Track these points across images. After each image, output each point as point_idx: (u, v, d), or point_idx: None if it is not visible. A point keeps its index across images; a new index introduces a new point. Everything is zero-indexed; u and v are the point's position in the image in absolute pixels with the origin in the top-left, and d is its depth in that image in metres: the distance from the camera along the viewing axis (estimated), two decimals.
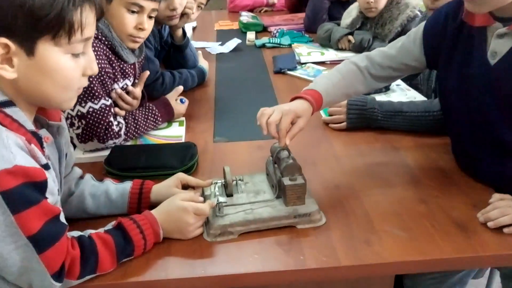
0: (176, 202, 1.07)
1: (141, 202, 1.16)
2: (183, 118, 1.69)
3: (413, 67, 1.31)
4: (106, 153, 1.41)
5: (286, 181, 1.12)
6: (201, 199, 1.12)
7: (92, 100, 1.39)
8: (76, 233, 0.97)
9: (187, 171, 1.35)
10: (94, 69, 0.93)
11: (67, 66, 0.88)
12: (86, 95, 1.38)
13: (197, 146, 1.47)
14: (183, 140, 1.55)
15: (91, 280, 0.95)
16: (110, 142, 1.45)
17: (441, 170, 1.32)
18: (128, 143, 1.51)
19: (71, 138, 1.42)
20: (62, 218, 0.91)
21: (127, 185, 1.18)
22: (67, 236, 0.91)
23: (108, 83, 1.45)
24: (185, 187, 1.21)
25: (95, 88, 1.39)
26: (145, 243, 1.02)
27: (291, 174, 1.14)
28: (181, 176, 1.20)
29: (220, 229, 1.09)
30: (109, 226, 1.02)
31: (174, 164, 1.34)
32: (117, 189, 1.17)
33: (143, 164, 1.34)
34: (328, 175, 1.33)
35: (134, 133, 1.51)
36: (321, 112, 1.74)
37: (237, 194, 1.20)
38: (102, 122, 1.41)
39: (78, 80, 0.92)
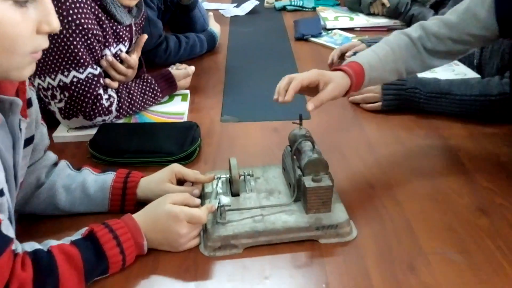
0: (165, 206, 0.83)
1: (125, 199, 0.93)
2: (187, 91, 1.44)
3: (481, 38, 1.01)
4: (95, 131, 1.19)
5: (308, 181, 0.88)
6: (198, 201, 0.88)
7: (77, 68, 1.15)
8: (31, 246, 0.74)
9: (187, 159, 1.11)
10: (53, 25, 0.68)
11: (7, 19, 0.63)
12: (70, 62, 1.13)
13: (201, 127, 1.23)
14: (185, 119, 1.31)
15: None
16: (99, 119, 1.21)
17: (503, 168, 1.06)
18: (121, 121, 1.27)
19: (53, 112, 1.20)
20: (5, 228, 0.68)
21: (109, 177, 0.95)
22: (12, 252, 0.69)
23: (96, 48, 1.19)
24: (181, 181, 0.97)
25: (80, 54, 1.14)
26: (124, 258, 0.79)
27: (315, 173, 0.89)
28: (176, 168, 0.96)
29: (220, 240, 0.86)
30: (78, 235, 0.79)
31: (172, 149, 1.11)
32: (96, 182, 0.94)
33: (134, 148, 1.11)
34: (359, 169, 1.08)
35: (128, 109, 1.27)
36: None
37: (245, 193, 0.96)
38: (88, 95, 1.17)
39: (30, 39, 0.67)
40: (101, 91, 1.20)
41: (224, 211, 0.88)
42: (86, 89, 1.17)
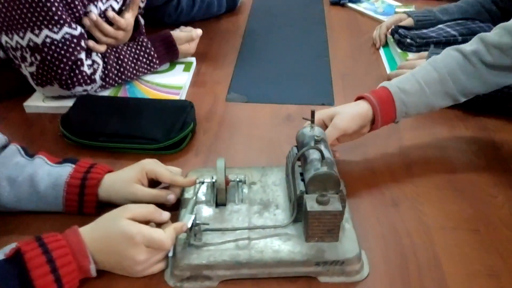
0: (120, 223, 0.64)
1: (84, 200, 0.75)
2: (193, 60, 1.23)
3: None
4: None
5: (311, 202, 0.66)
6: (166, 216, 0.69)
7: (50, 26, 0.95)
8: None
9: (174, 148, 0.92)
10: None
11: None
12: (41, 18, 0.93)
13: (201, 106, 1.03)
14: (183, 95, 1.10)
15: None
16: (79, 88, 1.02)
17: None
18: (107, 92, 1.08)
19: (25, 76, 1.02)
20: None
21: (64, 170, 0.76)
22: None
23: (77, 2, 0.98)
24: (154, 183, 0.78)
25: (54, 9, 0.94)
26: (61, 282, 0.61)
27: (322, 190, 0.68)
28: (148, 165, 0.77)
29: (190, 270, 0.67)
30: (1, 254, 0.62)
31: (157, 135, 0.91)
32: (49, 176, 0.75)
33: (111, 130, 0.92)
34: (384, 180, 0.86)
35: (116, 78, 1.07)
36: (386, 64, 1.23)
37: (233, 204, 0.75)
38: (65, 60, 0.98)
39: None
40: (82, 55, 1.01)
41: (198, 231, 0.68)
42: (62, 52, 0.97)
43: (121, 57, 1.07)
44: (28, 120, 1.02)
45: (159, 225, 0.69)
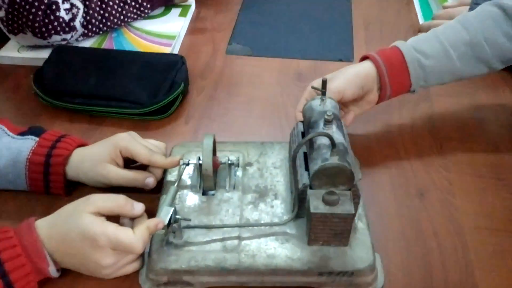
0: (81, 220, 0.52)
1: (49, 180, 0.63)
2: (191, 2, 1.06)
3: None
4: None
5: (315, 201, 0.53)
6: (138, 210, 0.56)
7: None
8: None
9: (161, 113, 0.78)
10: None
11: None
12: None
13: (196, 59, 0.89)
14: (176, 47, 0.95)
15: None
16: (56, 38, 0.88)
17: None
18: (90, 42, 0.93)
19: None
20: None
21: (26, 144, 0.63)
22: None
23: None
24: (130, 162, 0.65)
25: None
26: (9, 283, 0.51)
27: (330, 185, 0.54)
28: (122, 142, 0.63)
29: (167, 275, 0.55)
30: None
31: (141, 97, 0.77)
32: (10, 150, 0.63)
33: (89, 90, 0.79)
34: (408, 159, 0.72)
35: (100, 25, 0.92)
36: (419, 13, 1.06)
37: (223, 191, 0.63)
38: (37, 3, 0.83)
39: None
40: None
41: (178, 229, 0.56)
42: None
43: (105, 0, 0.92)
44: (1, 72, 0.89)
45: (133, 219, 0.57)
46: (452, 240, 0.61)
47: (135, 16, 0.97)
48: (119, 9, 0.93)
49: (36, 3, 0.83)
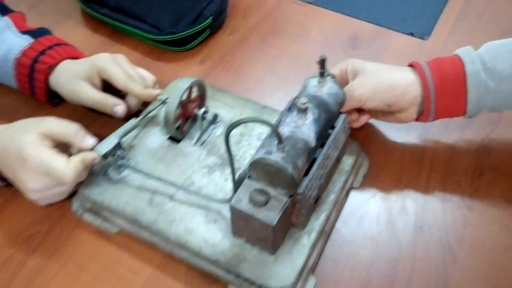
0: (22, 139, 0.50)
1: (34, 86, 0.62)
2: None
3: None
4: None
5: (242, 194, 0.45)
6: (88, 143, 0.52)
7: None
8: None
9: (179, 45, 0.72)
10: None
11: None
12: None
13: None
14: None
15: None
16: None
17: None
18: None
19: None
20: None
21: (20, 43, 0.62)
22: None
23: None
24: (108, 87, 0.61)
25: None
26: None
27: (267, 184, 0.45)
28: (100, 63, 0.59)
29: (90, 203, 0.54)
30: None
31: (161, 22, 0.72)
32: (4, 44, 0.62)
33: (116, 2, 0.74)
34: (411, 199, 0.58)
35: None
36: None
37: (188, 143, 0.57)
38: None
39: None
40: None
41: (114, 164, 0.53)
42: None
43: None
44: None
45: None
46: None
47: None
48: None
49: None
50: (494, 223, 0.54)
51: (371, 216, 0.55)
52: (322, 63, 0.48)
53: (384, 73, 0.55)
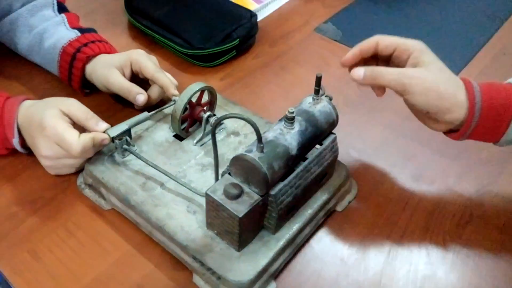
0: (46, 111, 0.57)
1: (72, 73, 0.70)
2: None
3: None
4: None
5: (219, 186, 0.49)
6: (101, 128, 0.58)
7: None
8: None
9: (205, 61, 0.79)
10: None
11: None
12: None
13: (279, 25, 0.87)
14: (271, 4, 0.92)
15: None
16: None
17: None
18: None
19: None
20: None
21: (69, 35, 0.71)
22: None
23: None
24: (137, 78, 0.68)
25: None
26: None
27: (243, 181, 0.49)
28: (135, 55, 0.67)
29: (92, 179, 0.59)
30: None
31: (193, 38, 0.78)
32: (56, 35, 0.71)
33: (158, 16, 0.83)
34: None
35: None
36: None
37: (190, 142, 0.62)
38: None
39: None
40: None
41: (119, 147, 0.59)
42: None
43: None
44: None
45: None
46: None
47: None
48: None
49: None
50: (469, 269, 0.54)
51: (345, 239, 0.56)
52: (317, 81, 0.52)
53: (443, 81, 0.53)
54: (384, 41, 0.55)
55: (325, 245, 0.56)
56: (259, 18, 0.90)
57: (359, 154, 0.66)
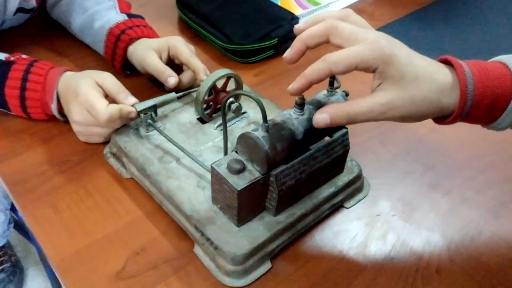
0: (84, 80, 0.63)
1: (115, 53, 0.76)
2: None
3: None
4: None
5: (223, 161, 0.51)
6: (129, 101, 0.63)
7: None
8: None
9: (242, 56, 0.82)
10: None
11: None
12: None
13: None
14: (315, 11, 0.94)
15: None
16: None
17: None
18: None
19: None
20: None
21: (117, 18, 0.77)
22: None
23: None
24: (173, 64, 0.73)
25: None
26: (24, 106, 0.66)
27: (247, 159, 0.51)
28: (172, 40, 0.71)
29: (116, 148, 0.63)
30: (1, 56, 0.68)
31: (234, 33, 0.82)
32: (106, 17, 0.77)
33: (204, 12, 0.87)
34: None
35: None
36: None
37: (212, 125, 0.65)
38: None
39: None
40: None
41: (144, 121, 0.63)
42: None
43: None
44: None
45: None
46: None
47: None
48: None
49: None
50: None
51: (348, 233, 0.57)
52: (331, 82, 0.54)
53: (422, 95, 0.45)
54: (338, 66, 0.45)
55: (326, 237, 0.56)
56: None
57: (377, 157, 0.66)
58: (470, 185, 0.63)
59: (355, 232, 0.57)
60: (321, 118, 0.47)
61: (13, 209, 1.24)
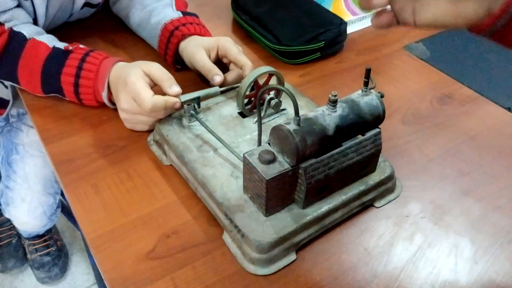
0: (132, 70, 0.66)
1: (168, 47, 0.80)
2: None
3: None
4: None
5: (256, 151, 0.53)
6: (174, 91, 0.65)
7: None
8: (22, 28, 0.73)
9: (289, 57, 0.84)
10: None
11: None
12: None
13: (366, 38, 0.88)
14: (366, 18, 0.94)
15: None
16: None
17: None
18: None
19: None
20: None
21: (173, 15, 0.80)
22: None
23: None
24: (221, 63, 0.76)
25: None
26: (77, 92, 0.71)
27: (278, 150, 0.53)
28: (222, 40, 0.74)
29: (159, 136, 0.67)
30: (62, 45, 0.73)
31: (283, 35, 0.84)
32: (162, 14, 0.81)
33: (257, 13, 0.90)
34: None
35: None
36: None
37: (251, 120, 0.67)
38: None
39: None
40: None
41: (187, 112, 0.66)
42: None
43: None
44: None
45: None
46: None
47: None
48: None
49: None
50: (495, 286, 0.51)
51: (375, 232, 0.57)
52: (367, 73, 0.55)
53: None
54: None
55: (353, 234, 0.57)
56: (353, 30, 0.94)
57: (413, 160, 0.66)
58: (504, 193, 0.61)
59: (382, 231, 0.57)
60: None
61: (63, 194, 1.31)
